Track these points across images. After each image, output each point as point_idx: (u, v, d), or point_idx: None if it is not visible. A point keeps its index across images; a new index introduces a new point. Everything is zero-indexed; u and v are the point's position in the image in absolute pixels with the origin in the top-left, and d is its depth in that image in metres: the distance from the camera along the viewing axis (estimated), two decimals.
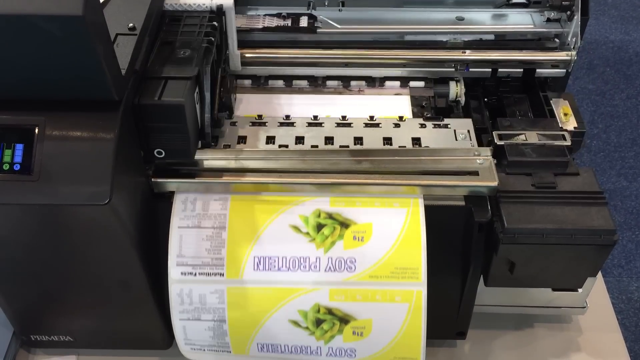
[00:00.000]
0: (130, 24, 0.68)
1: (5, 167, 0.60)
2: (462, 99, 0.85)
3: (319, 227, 0.71)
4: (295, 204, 0.72)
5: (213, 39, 0.74)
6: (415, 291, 0.70)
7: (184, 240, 0.71)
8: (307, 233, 0.71)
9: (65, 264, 0.71)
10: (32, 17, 0.53)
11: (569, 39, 0.84)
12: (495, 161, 0.73)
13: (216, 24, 0.76)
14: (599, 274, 0.87)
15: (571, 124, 0.80)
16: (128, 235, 0.67)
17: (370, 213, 0.71)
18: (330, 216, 0.71)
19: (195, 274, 0.71)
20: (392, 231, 0.71)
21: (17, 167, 0.60)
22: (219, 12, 0.77)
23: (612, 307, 0.90)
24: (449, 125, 0.79)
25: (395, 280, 0.70)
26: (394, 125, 0.79)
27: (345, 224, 0.71)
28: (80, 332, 0.82)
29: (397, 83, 0.87)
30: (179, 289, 0.72)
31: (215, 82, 0.75)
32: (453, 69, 0.85)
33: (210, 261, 0.71)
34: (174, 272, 0.72)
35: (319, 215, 0.71)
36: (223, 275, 0.71)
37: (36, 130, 0.60)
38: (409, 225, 0.70)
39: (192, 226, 0.72)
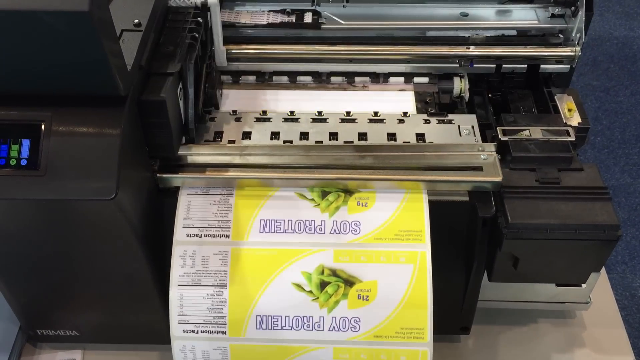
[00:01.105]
0: (136, 20, 0.69)
1: (12, 162, 0.61)
2: (466, 95, 0.85)
3: (323, 284, 0.71)
4: (298, 258, 0.72)
5: (197, 35, 0.74)
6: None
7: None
8: (311, 292, 0.71)
9: (71, 258, 0.72)
10: (38, 12, 0.54)
11: (573, 35, 0.84)
12: (499, 157, 0.73)
13: (200, 20, 0.76)
14: (603, 270, 0.87)
15: (575, 119, 0.80)
16: (133, 230, 0.67)
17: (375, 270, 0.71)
18: (334, 273, 0.71)
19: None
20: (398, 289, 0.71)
21: (23, 163, 0.61)
22: (203, 9, 0.77)
23: (616, 303, 0.91)
24: (453, 121, 0.79)
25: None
26: (398, 121, 0.79)
27: (350, 282, 0.71)
28: (85, 326, 0.82)
29: (401, 79, 0.87)
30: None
31: (200, 78, 0.75)
32: (457, 65, 0.85)
33: (212, 319, 0.71)
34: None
35: (322, 272, 0.71)
36: (225, 333, 0.71)
37: (42, 126, 0.61)
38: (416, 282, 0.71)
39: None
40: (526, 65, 0.85)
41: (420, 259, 0.70)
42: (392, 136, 0.77)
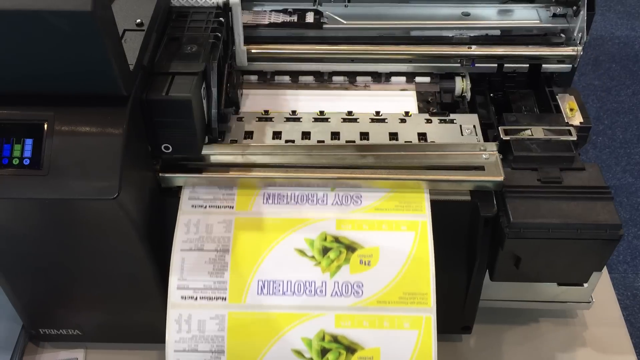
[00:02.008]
0: (138, 20, 0.69)
1: (15, 161, 0.61)
2: (468, 95, 0.85)
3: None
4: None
5: (220, 35, 0.74)
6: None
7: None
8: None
9: (74, 258, 0.72)
10: (41, 12, 0.54)
11: (575, 35, 0.84)
12: (501, 156, 0.73)
13: (222, 20, 0.76)
14: (605, 270, 0.87)
15: (577, 119, 0.80)
16: (136, 230, 0.67)
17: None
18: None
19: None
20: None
21: (26, 162, 0.61)
22: (225, 8, 0.78)
23: (618, 302, 0.91)
24: (454, 121, 0.79)
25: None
26: (399, 121, 0.79)
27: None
28: (88, 326, 0.82)
29: (403, 78, 0.87)
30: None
31: (222, 77, 0.76)
32: (459, 65, 0.85)
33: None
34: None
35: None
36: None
37: (45, 126, 0.61)
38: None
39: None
40: (528, 65, 0.86)
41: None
42: (393, 136, 0.77)
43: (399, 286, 0.70)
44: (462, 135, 0.77)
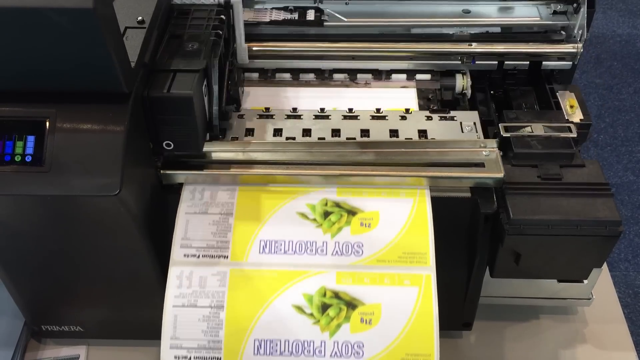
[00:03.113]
0: (139, 17, 0.69)
1: (17, 158, 0.61)
2: (469, 92, 0.85)
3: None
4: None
5: (221, 32, 0.74)
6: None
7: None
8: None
9: (76, 254, 0.72)
10: (43, 9, 0.54)
11: (576, 32, 0.84)
12: (501, 153, 0.74)
13: (224, 18, 0.76)
14: (605, 267, 0.87)
15: (577, 116, 0.80)
16: (137, 226, 0.67)
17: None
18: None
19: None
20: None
21: (28, 159, 0.61)
22: (226, 6, 0.78)
23: (618, 299, 0.91)
24: (455, 118, 0.79)
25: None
26: (400, 118, 0.79)
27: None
28: (89, 322, 0.83)
29: (404, 76, 0.87)
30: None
31: (223, 75, 0.76)
32: (459, 62, 0.85)
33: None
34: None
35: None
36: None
37: (47, 123, 0.61)
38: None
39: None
40: (528, 62, 0.86)
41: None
42: (394, 133, 0.77)
43: (401, 347, 0.69)
44: (462, 132, 0.77)
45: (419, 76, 0.87)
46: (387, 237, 0.71)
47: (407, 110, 0.80)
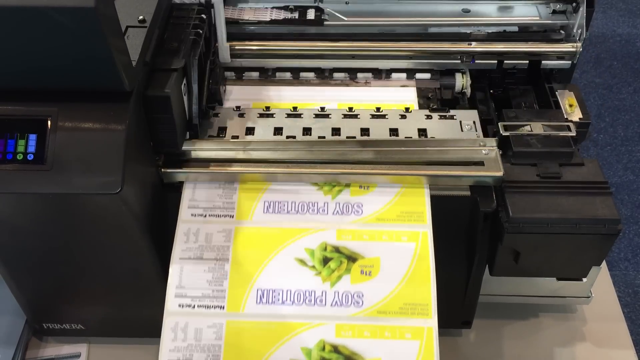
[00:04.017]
0: (141, 17, 0.69)
1: (19, 157, 0.62)
2: (468, 91, 0.85)
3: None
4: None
5: (201, 32, 0.74)
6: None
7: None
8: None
9: (77, 252, 0.72)
10: (45, 9, 0.54)
11: (575, 31, 0.84)
12: (500, 152, 0.74)
13: (204, 17, 0.76)
14: (604, 265, 0.88)
15: (576, 115, 0.80)
16: (138, 224, 0.68)
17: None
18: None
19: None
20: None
21: (30, 157, 0.62)
22: (207, 5, 0.78)
23: (617, 298, 0.91)
24: (454, 117, 0.79)
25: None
26: (400, 117, 0.79)
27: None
28: (91, 320, 0.83)
29: (404, 75, 0.88)
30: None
31: (203, 74, 0.76)
32: (459, 61, 0.86)
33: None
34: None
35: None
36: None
37: (49, 121, 0.62)
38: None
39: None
40: (527, 61, 0.86)
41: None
42: (394, 131, 0.77)
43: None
44: (462, 131, 0.78)
45: (418, 75, 0.87)
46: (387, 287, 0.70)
47: (407, 109, 0.81)
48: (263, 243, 0.71)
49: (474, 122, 0.79)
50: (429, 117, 0.79)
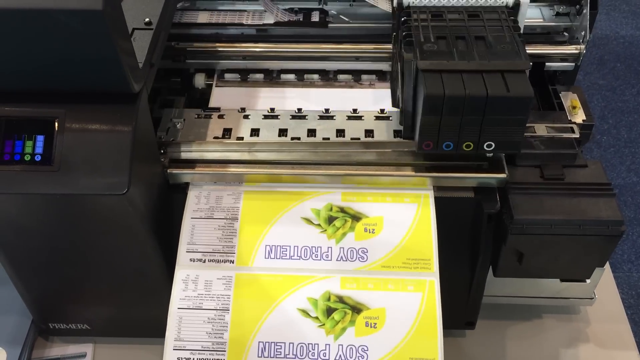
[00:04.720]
0: (147, 19, 0.70)
1: (27, 157, 0.62)
2: None
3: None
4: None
5: None
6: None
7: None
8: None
9: (83, 252, 0.73)
10: (52, 11, 0.55)
11: (578, 33, 0.84)
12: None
13: None
14: (607, 267, 0.88)
15: (580, 116, 0.81)
16: (144, 225, 0.68)
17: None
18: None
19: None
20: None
21: (38, 158, 0.62)
22: None
23: (621, 299, 0.91)
24: None
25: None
26: None
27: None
28: (96, 320, 0.84)
29: None
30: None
31: None
32: None
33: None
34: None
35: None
36: (233, 262, 0.72)
37: (56, 122, 0.62)
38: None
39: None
40: (531, 63, 0.86)
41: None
42: (398, 133, 0.78)
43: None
44: None
45: None
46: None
47: None
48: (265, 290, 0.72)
49: None
50: None
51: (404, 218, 0.72)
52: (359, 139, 0.77)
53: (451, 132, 0.66)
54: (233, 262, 0.72)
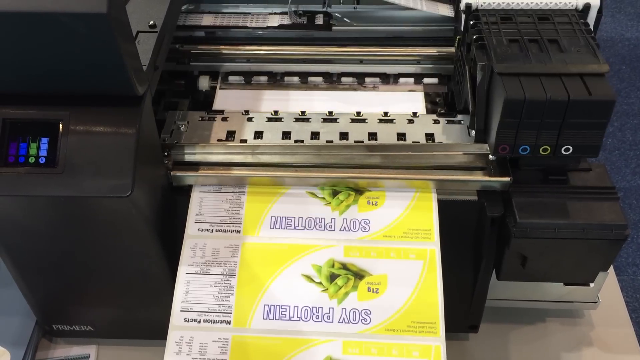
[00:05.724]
0: (151, 22, 0.70)
1: (31, 160, 0.62)
2: None
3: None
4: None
5: None
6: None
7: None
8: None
9: (87, 254, 0.73)
10: (57, 14, 0.55)
11: None
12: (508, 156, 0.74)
13: None
14: (612, 270, 0.87)
15: None
16: (148, 227, 0.68)
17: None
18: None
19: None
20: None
21: (42, 160, 0.62)
22: None
23: (625, 303, 0.91)
24: (462, 121, 0.80)
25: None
26: (407, 121, 0.80)
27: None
28: (100, 322, 0.84)
29: (411, 79, 0.88)
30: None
31: None
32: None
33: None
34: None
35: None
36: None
37: (61, 125, 0.63)
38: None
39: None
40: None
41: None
42: (401, 136, 0.78)
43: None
44: (469, 135, 0.78)
45: (426, 80, 0.88)
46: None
47: (414, 114, 0.81)
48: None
49: None
50: (436, 121, 0.80)
51: (409, 277, 0.71)
52: (362, 141, 0.77)
53: (529, 136, 0.66)
54: (230, 323, 0.71)
